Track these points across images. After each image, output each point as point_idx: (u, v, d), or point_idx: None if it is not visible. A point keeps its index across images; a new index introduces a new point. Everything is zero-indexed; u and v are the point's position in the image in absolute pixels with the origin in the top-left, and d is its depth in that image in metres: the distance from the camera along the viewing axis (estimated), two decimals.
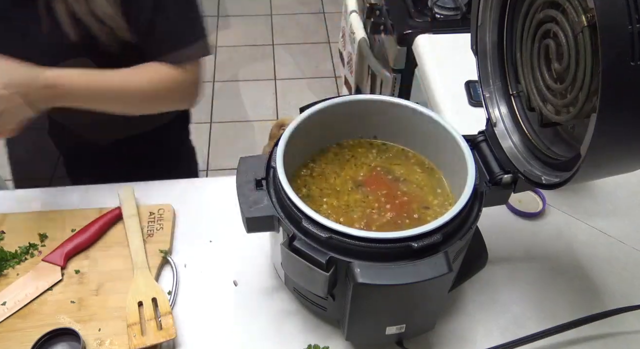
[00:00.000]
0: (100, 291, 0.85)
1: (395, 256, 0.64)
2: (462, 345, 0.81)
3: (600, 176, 0.64)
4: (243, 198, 0.71)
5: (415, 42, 1.41)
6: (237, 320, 0.83)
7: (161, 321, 0.79)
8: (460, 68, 1.22)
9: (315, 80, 2.70)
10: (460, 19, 1.49)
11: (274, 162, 0.71)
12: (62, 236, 0.91)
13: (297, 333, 0.81)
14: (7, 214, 0.95)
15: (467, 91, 1.23)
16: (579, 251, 0.93)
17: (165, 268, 0.89)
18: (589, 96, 0.56)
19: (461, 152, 0.74)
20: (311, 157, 0.83)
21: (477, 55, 0.76)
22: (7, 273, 0.87)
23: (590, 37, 0.53)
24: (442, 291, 0.71)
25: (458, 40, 1.37)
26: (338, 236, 0.64)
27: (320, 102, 0.79)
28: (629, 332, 0.82)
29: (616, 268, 0.91)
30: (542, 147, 0.70)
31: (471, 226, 0.69)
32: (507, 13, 0.72)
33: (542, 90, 0.67)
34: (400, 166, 0.83)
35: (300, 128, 0.76)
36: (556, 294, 0.87)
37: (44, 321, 0.80)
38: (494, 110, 0.76)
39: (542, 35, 0.64)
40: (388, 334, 0.73)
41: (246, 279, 0.88)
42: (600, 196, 1.02)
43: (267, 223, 0.70)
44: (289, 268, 0.70)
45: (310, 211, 0.65)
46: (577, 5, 0.54)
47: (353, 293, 0.65)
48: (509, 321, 0.83)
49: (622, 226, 0.96)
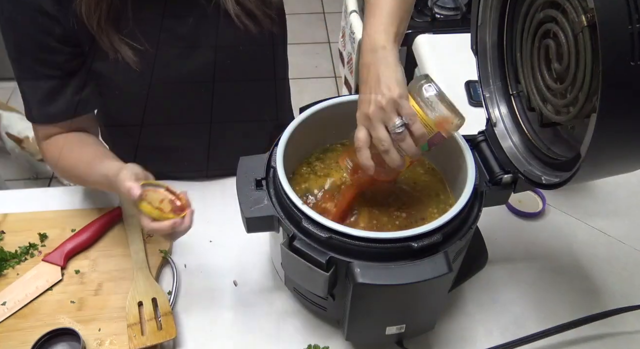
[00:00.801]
0: (100, 291, 0.85)
1: (395, 256, 0.64)
2: (462, 345, 0.81)
3: (600, 176, 0.64)
4: (243, 198, 0.71)
5: (415, 42, 1.41)
6: (237, 320, 0.83)
7: (161, 321, 0.79)
8: (460, 68, 1.22)
9: (315, 80, 2.70)
10: (460, 19, 1.49)
11: (274, 162, 0.71)
12: (62, 236, 0.91)
13: (297, 333, 0.81)
14: (7, 214, 0.95)
15: (467, 91, 1.23)
16: (579, 251, 0.93)
17: (165, 267, 0.89)
18: (589, 96, 0.56)
19: (461, 152, 0.74)
20: (311, 157, 0.83)
21: (477, 55, 0.76)
22: (7, 273, 0.87)
23: (590, 37, 0.53)
24: (442, 291, 0.71)
25: (458, 40, 1.37)
26: (338, 236, 0.64)
27: (320, 102, 0.79)
28: (629, 332, 0.82)
29: (616, 268, 0.91)
30: (542, 147, 0.70)
31: (471, 226, 0.69)
32: (507, 13, 0.72)
33: (542, 90, 0.67)
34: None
35: (300, 128, 0.76)
36: (556, 294, 0.87)
37: (44, 321, 0.80)
38: (494, 110, 0.76)
39: (542, 35, 0.64)
40: (388, 334, 0.73)
41: (246, 279, 0.88)
42: (600, 196, 1.02)
43: (267, 223, 0.70)
44: (289, 268, 0.70)
45: (310, 211, 0.65)
46: (577, 5, 0.54)
47: (353, 293, 0.65)
48: (509, 321, 0.83)
49: (622, 226, 0.96)
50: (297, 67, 2.69)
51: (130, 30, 0.83)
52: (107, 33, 0.82)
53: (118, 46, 0.83)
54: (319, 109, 0.78)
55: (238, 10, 0.87)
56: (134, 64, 0.84)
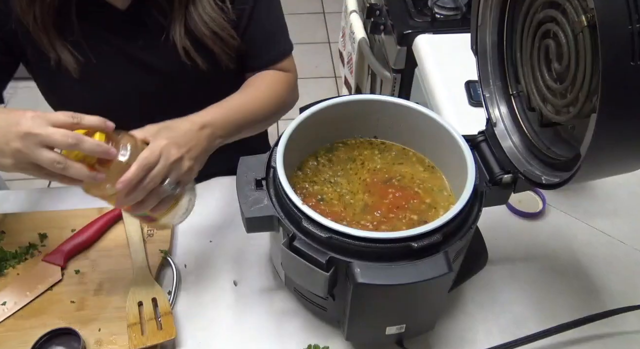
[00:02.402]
0: (100, 291, 0.85)
1: (395, 256, 0.64)
2: (462, 345, 0.81)
3: (600, 176, 0.64)
4: (243, 198, 0.71)
5: (415, 42, 1.41)
6: (237, 320, 0.83)
7: (161, 321, 0.79)
8: (460, 68, 1.22)
9: (315, 80, 2.70)
10: (460, 19, 1.49)
11: (274, 162, 0.71)
12: (62, 236, 0.91)
13: (297, 333, 0.81)
14: (7, 214, 0.95)
15: (467, 91, 1.23)
16: (579, 251, 0.93)
17: (165, 268, 0.89)
18: (589, 96, 0.56)
19: (461, 152, 0.74)
20: (311, 157, 0.83)
21: (477, 55, 0.76)
22: (7, 273, 0.87)
23: (590, 37, 0.53)
24: (442, 291, 0.71)
25: (458, 40, 1.37)
26: (338, 236, 0.64)
27: (320, 102, 0.79)
28: (629, 332, 0.82)
29: (616, 268, 0.91)
30: (542, 147, 0.70)
31: (471, 226, 0.69)
32: (507, 13, 0.72)
33: (542, 90, 0.67)
34: (400, 165, 0.83)
35: (300, 128, 0.76)
36: (556, 294, 0.87)
37: (43, 321, 0.80)
38: (494, 110, 0.76)
39: (542, 35, 0.64)
40: (388, 334, 0.73)
41: (246, 279, 0.88)
42: (600, 196, 1.02)
43: (267, 223, 0.70)
44: (289, 268, 0.70)
45: (310, 211, 0.65)
46: (577, 5, 0.54)
47: (353, 293, 0.65)
48: (509, 321, 0.83)
49: (622, 226, 0.96)
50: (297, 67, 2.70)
51: (76, 40, 0.85)
52: (47, 33, 0.83)
53: (60, 50, 0.85)
54: (319, 109, 0.78)
55: (188, 44, 0.88)
56: (74, 72, 0.86)
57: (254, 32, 0.95)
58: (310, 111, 0.78)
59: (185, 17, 0.87)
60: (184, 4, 0.86)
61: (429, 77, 1.29)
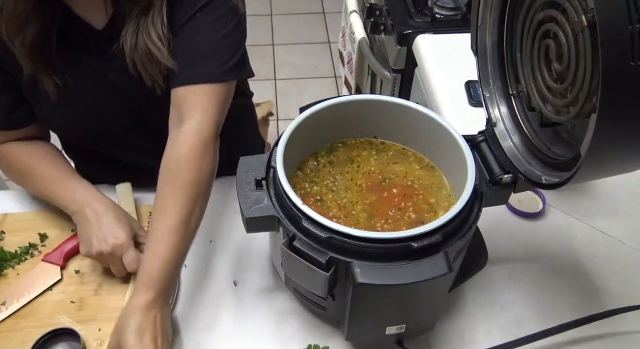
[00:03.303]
0: (100, 291, 0.85)
1: (395, 256, 0.64)
2: (462, 345, 0.81)
3: (600, 176, 0.64)
4: (243, 198, 0.71)
5: (415, 42, 1.41)
6: (237, 320, 0.83)
7: None
8: (460, 68, 1.22)
9: (315, 80, 2.70)
10: (460, 19, 1.48)
11: (274, 162, 0.71)
12: (62, 236, 0.91)
13: (297, 333, 0.81)
14: (7, 214, 0.95)
15: (467, 91, 1.23)
16: (579, 251, 0.93)
17: None
18: (589, 96, 0.56)
19: (461, 152, 0.74)
20: (311, 157, 0.83)
21: (477, 55, 0.76)
22: (7, 273, 0.87)
23: (590, 37, 0.53)
24: (442, 291, 0.71)
25: (458, 40, 1.37)
26: (338, 236, 0.64)
27: (320, 102, 0.79)
28: (629, 332, 0.82)
29: (616, 268, 0.91)
30: (542, 147, 0.70)
31: (471, 226, 0.69)
32: (507, 13, 0.72)
33: (542, 90, 0.67)
34: (400, 165, 0.83)
35: (300, 128, 0.76)
36: (556, 294, 0.87)
37: (44, 321, 0.81)
38: (494, 110, 0.76)
39: (542, 36, 0.64)
40: (388, 334, 0.73)
41: (246, 279, 0.88)
42: (600, 196, 1.02)
43: (267, 223, 0.70)
44: (289, 268, 0.70)
45: (310, 211, 0.65)
46: (577, 5, 0.54)
47: (353, 293, 0.65)
48: (509, 321, 0.83)
49: (622, 226, 0.96)
50: (297, 67, 2.70)
51: (54, 61, 0.85)
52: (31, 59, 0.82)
53: (41, 74, 0.85)
54: (319, 109, 0.78)
55: (133, 70, 0.85)
56: (52, 95, 0.86)
57: (181, 42, 0.84)
58: (310, 111, 0.78)
59: (138, 28, 0.83)
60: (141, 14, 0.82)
61: (429, 77, 1.29)
